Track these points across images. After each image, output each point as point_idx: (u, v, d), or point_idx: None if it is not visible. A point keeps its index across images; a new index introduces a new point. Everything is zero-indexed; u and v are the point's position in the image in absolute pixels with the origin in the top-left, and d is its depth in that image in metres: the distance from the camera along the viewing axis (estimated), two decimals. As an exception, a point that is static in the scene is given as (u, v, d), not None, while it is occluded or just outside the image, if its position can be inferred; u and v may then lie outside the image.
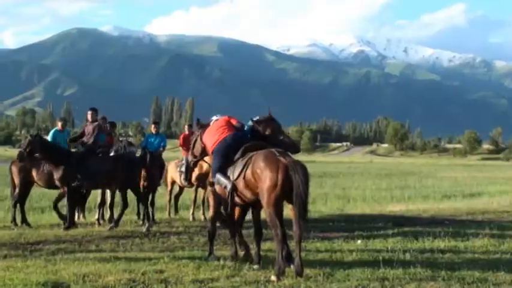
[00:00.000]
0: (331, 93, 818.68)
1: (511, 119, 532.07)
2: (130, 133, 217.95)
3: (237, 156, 12.10)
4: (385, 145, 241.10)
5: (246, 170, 11.55)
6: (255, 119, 12.90)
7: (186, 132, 20.88)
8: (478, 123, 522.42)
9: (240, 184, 11.74)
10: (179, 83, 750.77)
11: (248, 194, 11.72)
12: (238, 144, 12.29)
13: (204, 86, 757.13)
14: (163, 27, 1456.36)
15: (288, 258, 11.67)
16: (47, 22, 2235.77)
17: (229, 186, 11.94)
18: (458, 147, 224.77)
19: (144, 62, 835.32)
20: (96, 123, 18.17)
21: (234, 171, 11.88)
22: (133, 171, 17.69)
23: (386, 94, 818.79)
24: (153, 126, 21.30)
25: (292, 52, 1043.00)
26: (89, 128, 18.00)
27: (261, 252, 12.44)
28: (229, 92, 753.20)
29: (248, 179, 11.51)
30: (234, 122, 12.97)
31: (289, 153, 11.77)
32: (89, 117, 18.35)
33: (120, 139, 19.05)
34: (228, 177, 12.01)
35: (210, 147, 12.83)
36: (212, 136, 12.80)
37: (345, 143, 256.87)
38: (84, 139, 18.01)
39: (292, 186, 10.90)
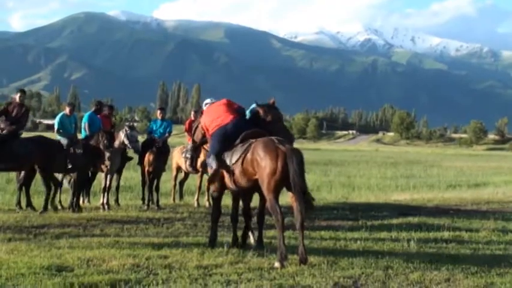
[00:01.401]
0: (337, 81, 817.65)
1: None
2: (137, 118, 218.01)
3: (236, 141, 12.25)
4: (391, 134, 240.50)
5: (245, 156, 11.73)
6: (260, 103, 12.92)
7: (192, 118, 20.75)
8: (484, 113, 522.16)
9: (237, 170, 11.91)
10: (186, 69, 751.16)
11: (243, 181, 11.90)
12: (238, 132, 12.39)
13: (211, 72, 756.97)
14: (171, 12, 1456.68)
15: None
16: (55, 6, 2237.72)
17: (214, 167, 12.25)
18: (464, 136, 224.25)
19: (151, 47, 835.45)
20: (25, 107, 17.99)
21: (232, 156, 12.05)
22: (52, 154, 17.41)
23: (393, 83, 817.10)
24: (159, 112, 21.19)
25: (299, 39, 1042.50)
26: (16, 109, 17.70)
27: (266, 240, 12.51)
28: (235, 78, 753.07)
29: (246, 166, 11.70)
30: (235, 105, 13.09)
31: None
32: (17, 98, 18.05)
33: (126, 124, 18.97)
34: (218, 160, 12.24)
35: (210, 129, 12.93)
36: (213, 119, 12.88)
37: (351, 131, 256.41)
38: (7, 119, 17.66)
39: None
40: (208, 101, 13.77)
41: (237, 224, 13.10)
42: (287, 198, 23.16)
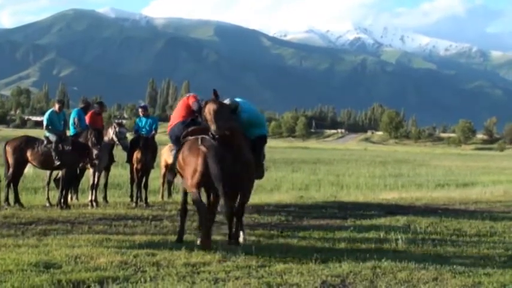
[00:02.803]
0: (327, 80, 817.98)
1: (506, 109, 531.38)
2: (125, 115, 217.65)
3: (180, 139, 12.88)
4: (380, 133, 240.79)
5: (179, 154, 12.55)
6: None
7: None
8: (472, 112, 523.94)
9: (177, 166, 12.80)
10: (175, 66, 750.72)
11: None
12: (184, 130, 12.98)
13: (200, 70, 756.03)
14: (161, 9, 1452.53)
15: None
16: (44, 2, 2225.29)
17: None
18: (452, 136, 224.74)
19: (140, 44, 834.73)
20: None
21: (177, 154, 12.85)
22: None
23: (382, 82, 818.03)
24: (140, 110, 21.20)
25: (288, 38, 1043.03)
26: None
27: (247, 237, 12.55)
28: (225, 76, 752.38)
29: (180, 164, 12.54)
30: (191, 101, 13.29)
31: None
32: None
33: (115, 121, 18.97)
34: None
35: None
36: (173, 117, 13.62)
37: (339, 130, 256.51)
38: None
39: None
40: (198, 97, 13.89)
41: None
42: (276, 196, 23.21)
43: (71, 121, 19.01)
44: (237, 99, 13.18)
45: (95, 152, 17.78)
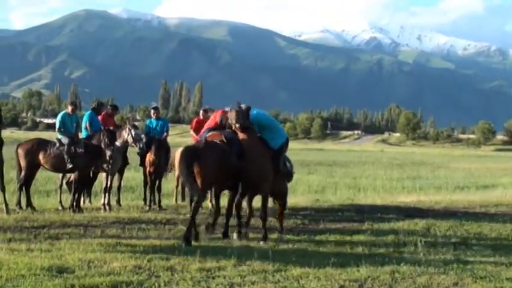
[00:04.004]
0: (342, 80, 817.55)
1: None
2: (138, 117, 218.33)
3: None
4: (397, 134, 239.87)
5: None
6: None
7: (201, 117, 20.43)
8: (492, 113, 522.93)
9: None
10: (188, 67, 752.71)
11: None
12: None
13: (213, 71, 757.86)
14: (173, 10, 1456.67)
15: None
16: (55, 3, 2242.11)
17: None
18: (471, 137, 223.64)
19: (153, 45, 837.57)
20: None
21: None
22: None
23: (399, 82, 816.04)
24: (152, 111, 21.03)
25: (303, 38, 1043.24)
26: None
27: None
28: (238, 77, 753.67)
29: None
30: (218, 114, 15.16)
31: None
32: None
33: (129, 123, 18.82)
34: None
35: None
36: (204, 126, 15.97)
37: (356, 132, 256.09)
38: None
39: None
40: (227, 108, 14.78)
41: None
42: (291, 199, 23.08)
43: (83, 125, 18.97)
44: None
45: (108, 153, 17.69)
